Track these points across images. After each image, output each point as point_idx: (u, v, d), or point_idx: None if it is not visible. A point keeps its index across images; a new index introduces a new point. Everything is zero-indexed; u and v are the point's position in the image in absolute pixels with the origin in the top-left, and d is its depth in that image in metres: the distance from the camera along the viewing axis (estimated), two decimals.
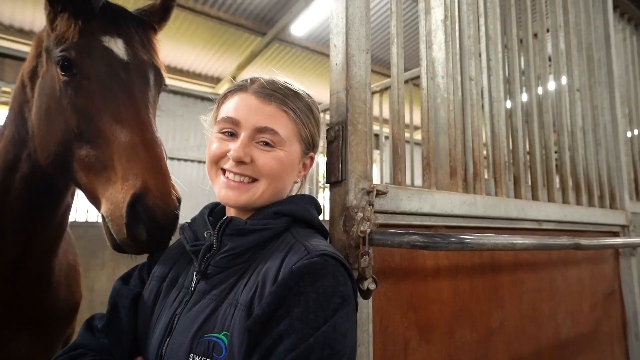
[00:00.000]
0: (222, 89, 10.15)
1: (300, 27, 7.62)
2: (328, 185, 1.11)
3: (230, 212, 1.01)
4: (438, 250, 1.01)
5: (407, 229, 1.21)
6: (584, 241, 1.32)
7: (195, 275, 0.93)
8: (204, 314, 0.84)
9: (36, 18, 7.34)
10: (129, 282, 1.05)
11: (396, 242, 0.96)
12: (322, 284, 0.77)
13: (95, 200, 1.17)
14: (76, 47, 1.20)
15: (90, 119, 1.16)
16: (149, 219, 1.04)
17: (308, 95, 1.03)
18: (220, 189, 0.95)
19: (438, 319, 1.30)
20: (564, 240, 1.26)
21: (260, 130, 0.93)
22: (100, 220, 1.16)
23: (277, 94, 0.95)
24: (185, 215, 1.13)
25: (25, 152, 1.37)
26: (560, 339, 1.79)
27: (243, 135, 0.93)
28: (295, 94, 0.99)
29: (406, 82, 4.53)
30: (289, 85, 1.00)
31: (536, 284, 1.70)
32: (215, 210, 1.07)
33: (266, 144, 0.93)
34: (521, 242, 1.11)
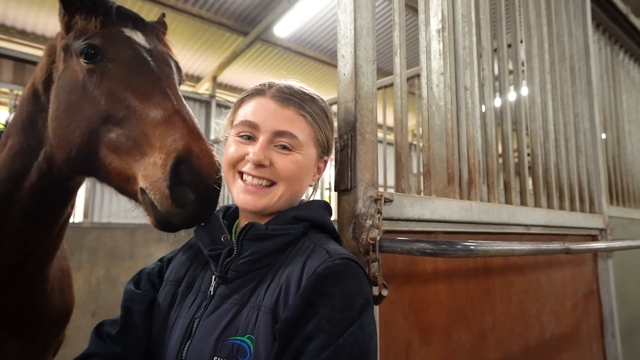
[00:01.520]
0: (202, 88, 10.03)
1: (284, 28, 7.61)
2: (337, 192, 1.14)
3: (245, 215, 1.02)
4: (445, 257, 1.05)
5: (410, 235, 1.25)
6: (573, 246, 1.39)
7: (214, 280, 0.94)
8: (227, 318, 0.86)
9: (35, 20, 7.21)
10: (140, 286, 1.05)
11: (406, 249, 0.99)
12: (346, 284, 0.80)
13: (128, 181, 1.12)
14: (100, 34, 1.23)
15: (119, 100, 1.15)
16: (194, 178, 1.00)
17: (322, 100, 1.05)
18: (238, 194, 0.95)
19: (436, 321, 1.35)
20: (556, 245, 1.32)
21: (279, 134, 0.94)
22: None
23: (295, 99, 0.97)
24: None
25: (35, 162, 1.35)
26: (545, 338, 1.87)
27: (262, 138, 0.94)
28: (311, 99, 1.01)
29: (390, 86, 4.59)
30: (304, 90, 1.01)
31: (524, 286, 1.77)
32: (227, 213, 1.08)
33: (284, 147, 0.94)
34: (519, 248, 1.16)
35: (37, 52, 7.49)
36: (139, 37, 1.27)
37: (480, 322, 1.52)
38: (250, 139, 0.96)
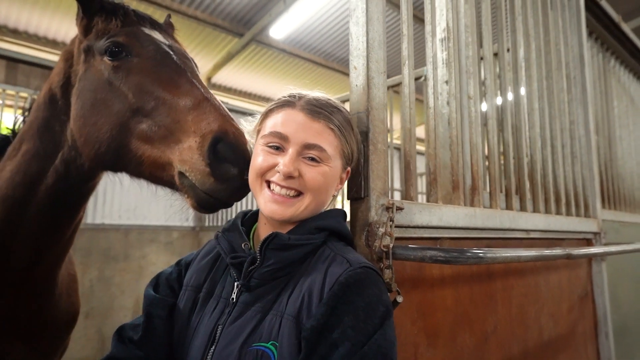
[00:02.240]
0: None
1: (279, 30, 7.62)
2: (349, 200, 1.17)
3: (266, 222, 1.03)
4: (456, 265, 1.09)
5: (418, 241, 1.28)
6: (574, 251, 1.43)
7: (237, 287, 0.96)
8: (251, 325, 0.88)
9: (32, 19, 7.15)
10: (159, 291, 1.06)
11: (419, 256, 1.03)
12: (368, 293, 0.83)
13: (164, 168, 1.15)
14: (123, 32, 1.27)
15: (148, 92, 1.18)
16: (234, 153, 1.04)
17: (347, 110, 1.07)
18: (266, 203, 0.97)
19: (442, 325, 1.38)
20: (558, 251, 1.37)
21: (309, 146, 0.96)
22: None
23: (324, 112, 0.99)
24: None
25: (51, 165, 1.37)
26: (543, 340, 1.92)
27: (291, 150, 0.96)
28: (338, 111, 1.02)
29: (387, 88, 4.62)
30: (331, 102, 1.03)
31: (524, 289, 1.82)
32: (245, 219, 1.10)
33: (312, 159, 0.96)
34: (525, 254, 1.20)
35: (29, 51, 7.42)
36: (157, 35, 1.32)
37: (483, 325, 1.56)
38: (279, 149, 0.98)
